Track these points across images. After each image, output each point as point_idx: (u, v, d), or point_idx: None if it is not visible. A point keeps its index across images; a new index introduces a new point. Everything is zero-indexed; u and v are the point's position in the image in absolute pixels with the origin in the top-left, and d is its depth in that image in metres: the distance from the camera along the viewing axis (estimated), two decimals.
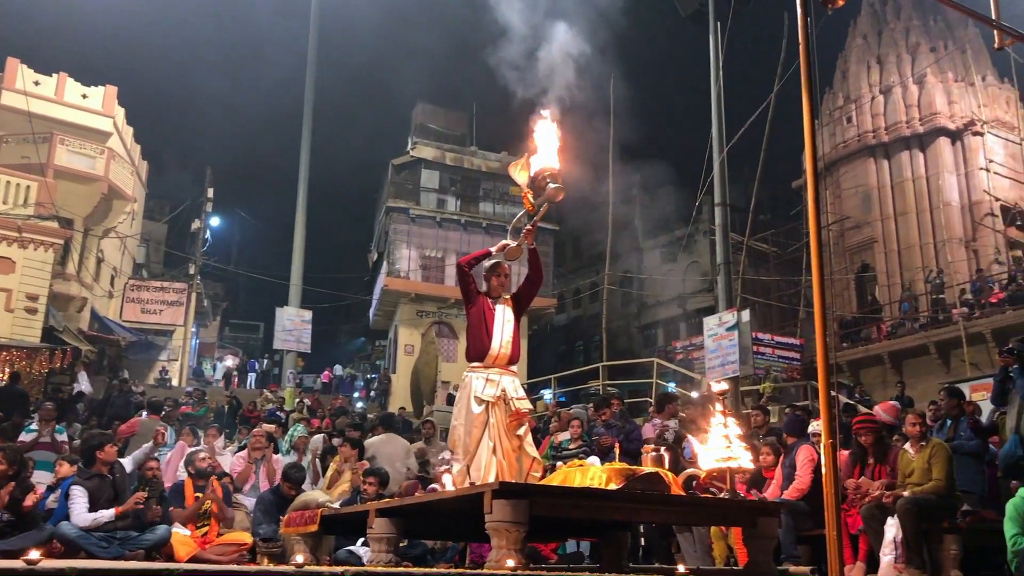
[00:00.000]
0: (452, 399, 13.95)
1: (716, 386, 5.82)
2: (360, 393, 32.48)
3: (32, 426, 10.66)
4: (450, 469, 5.44)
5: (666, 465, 5.13)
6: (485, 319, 5.39)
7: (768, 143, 18.83)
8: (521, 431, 5.27)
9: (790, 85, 17.21)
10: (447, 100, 37.61)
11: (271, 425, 12.36)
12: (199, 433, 10.92)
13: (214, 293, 40.37)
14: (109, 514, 6.55)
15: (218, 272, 38.08)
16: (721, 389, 5.69)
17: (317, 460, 10.33)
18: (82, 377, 19.11)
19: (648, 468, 4.92)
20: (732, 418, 5.40)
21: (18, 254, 20.63)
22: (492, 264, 5.57)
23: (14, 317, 20.11)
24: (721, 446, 5.16)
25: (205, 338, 39.66)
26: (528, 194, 5.51)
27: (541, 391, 22.08)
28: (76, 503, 6.57)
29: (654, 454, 5.19)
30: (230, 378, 33.04)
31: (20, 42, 31.11)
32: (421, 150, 33.53)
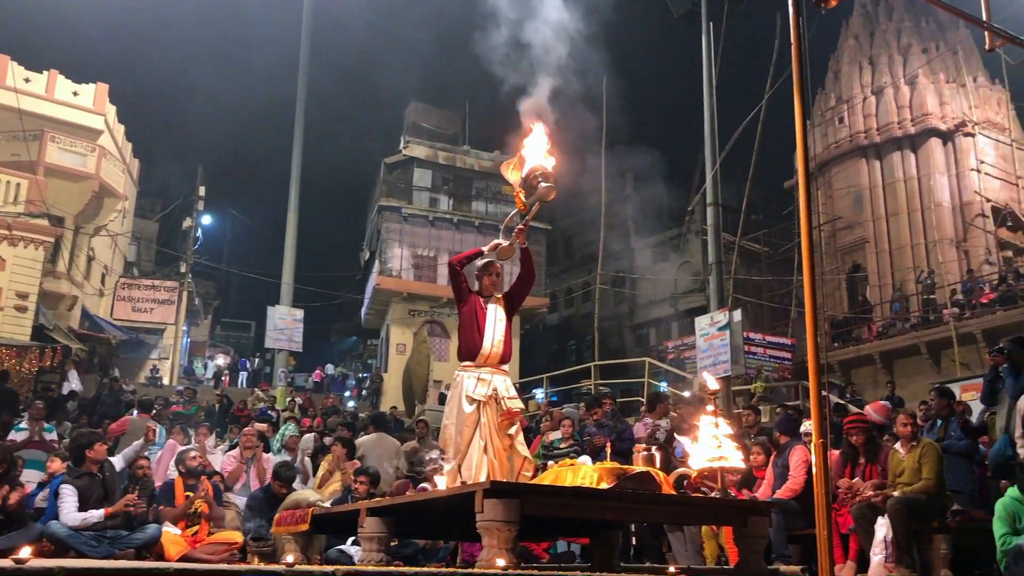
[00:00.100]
0: (444, 398, 13.92)
1: (710, 381, 5.84)
2: (352, 392, 32.42)
3: (22, 425, 10.62)
4: (441, 468, 5.43)
5: (657, 464, 5.14)
6: (477, 318, 5.39)
7: (760, 143, 18.91)
8: (512, 430, 5.27)
9: (783, 85, 17.28)
10: (440, 99, 37.61)
11: (263, 424, 12.34)
12: (190, 432, 10.89)
13: (205, 292, 40.21)
14: (98, 514, 6.53)
15: (209, 270, 37.97)
16: (714, 388, 5.70)
17: (307, 459, 10.31)
18: (72, 375, 19.03)
19: (639, 467, 4.92)
20: (723, 417, 5.41)
21: (8, 252, 20.50)
22: (484, 263, 5.56)
23: (4, 315, 20.00)
24: (712, 445, 5.16)
25: (196, 337, 39.53)
26: (520, 193, 5.51)
27: (533, 390, 22.09)
28: (66, 502, 6.54)
29: (645, 453, 5.20)
30: (220, 376, 32.94)
31: (10, 39, 30.92)
32: (413, 149, 33.50)
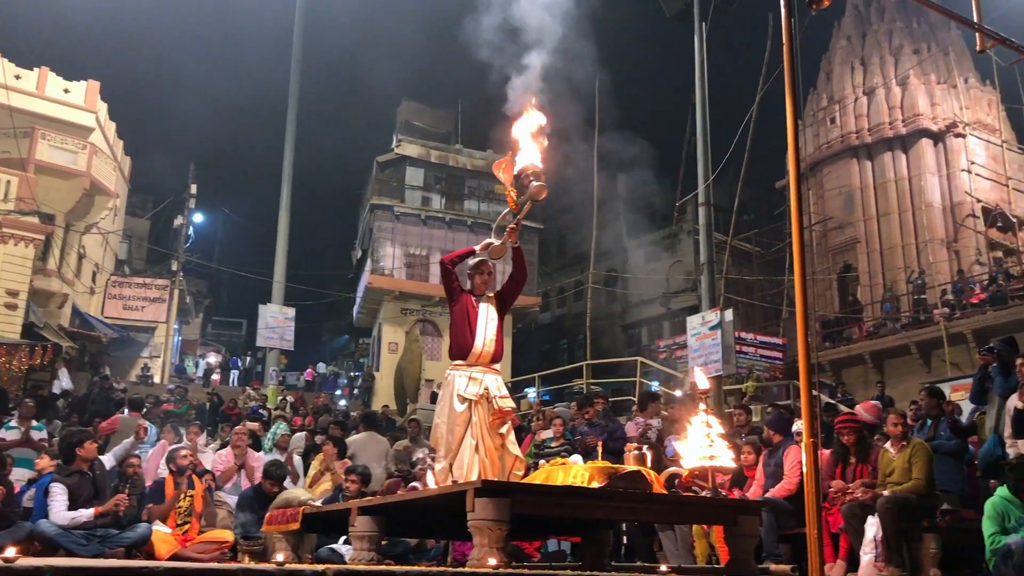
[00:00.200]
0: (436, 397, 13.91)
1: (701, 379, 5.83)
2: (343, 391, 32.39)
3: (11, 423, 10.56)
4: (432, 467, 5.43)
5: (648, 464, 5.14)
6: (468, 317, 5.38)
7: (752, 143, 18.93)
8: (504, 429, 5.27)
9: (774, 85, 17.30)
10: (432, 97, 37.60)
11: (254, 423, 12.33)
12: (181, 431, 10.86)
13: (197, 290, 40.11)
14: (88, 514, 6.51)
15: (201, 269, 37.86)
16: (705, 387, 5.70)
17: (298, 458, 10.29)
18: (63, 374, 18.95)
19: (630, 467, 4.92)
20: (714, 417, 5.42)
21: None
22: (476, 262, 5.56)
23: None
24: (703, 445, 5.17)
25: (187, 335, 39.40)
26: (512, 192, 5.51)
27: (525, 389, 22.10)
28: (56, 500, 6.52)
29: (636, 452, 5.20)
30: (209, 375, 32.85)
31: (1, 36, 30.78)
32: (406, 147, 33.46)
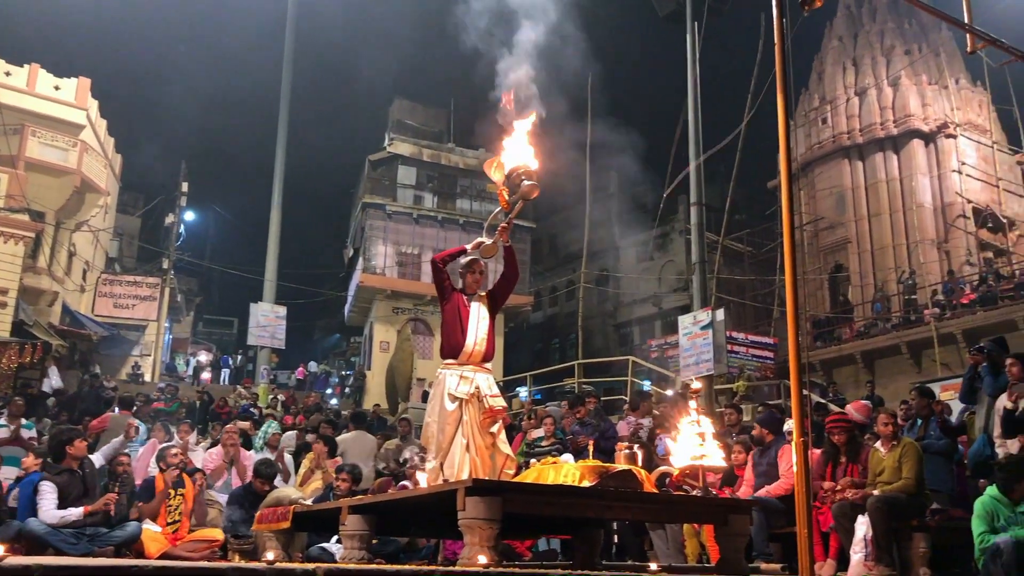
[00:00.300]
0: (427, 396, 13.90)
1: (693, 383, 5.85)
2: (335, 390, 32.33)
3: (1, 421, 10.53)
4: (422, 466, 5.42)
5: (639, 463, 5.15)
6: (460, 316, 5.37)
7: (744, 143, 18.96)
8: (495, 428, 5.26)
9: (767, 85, 17.33)
10: (425, 96, 37.50)
11: (245, 422, 12.29)
12: (171, 429, 10.82)
13: (188, 288, 39.97)
14: (78, 512, 6.48)
15: (192, 267, 37.79)
16: (696, 387, 5.72)
17: (289, 457, 10.26)
18: (52, 372, 18.88)
19: (621, 466, 4.93)
20: (705, 416, 5.43)
21: None
22: (468, 261, 5.55)
23: None
24: (694, 444, 5.18)
25: (178, 333, 39.27)
26: (503, 191, 5.50)
27: (517, 388, 22.09)
28: (45, 499, 6.48)
29: (627, 452, 5.21)
30: (200, 373, 32.74)
31: None
32: (398, 146, 33.41)
